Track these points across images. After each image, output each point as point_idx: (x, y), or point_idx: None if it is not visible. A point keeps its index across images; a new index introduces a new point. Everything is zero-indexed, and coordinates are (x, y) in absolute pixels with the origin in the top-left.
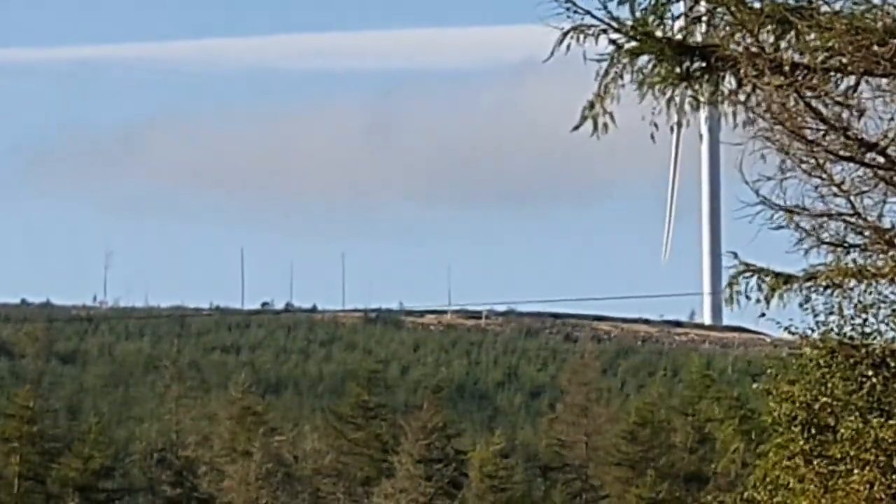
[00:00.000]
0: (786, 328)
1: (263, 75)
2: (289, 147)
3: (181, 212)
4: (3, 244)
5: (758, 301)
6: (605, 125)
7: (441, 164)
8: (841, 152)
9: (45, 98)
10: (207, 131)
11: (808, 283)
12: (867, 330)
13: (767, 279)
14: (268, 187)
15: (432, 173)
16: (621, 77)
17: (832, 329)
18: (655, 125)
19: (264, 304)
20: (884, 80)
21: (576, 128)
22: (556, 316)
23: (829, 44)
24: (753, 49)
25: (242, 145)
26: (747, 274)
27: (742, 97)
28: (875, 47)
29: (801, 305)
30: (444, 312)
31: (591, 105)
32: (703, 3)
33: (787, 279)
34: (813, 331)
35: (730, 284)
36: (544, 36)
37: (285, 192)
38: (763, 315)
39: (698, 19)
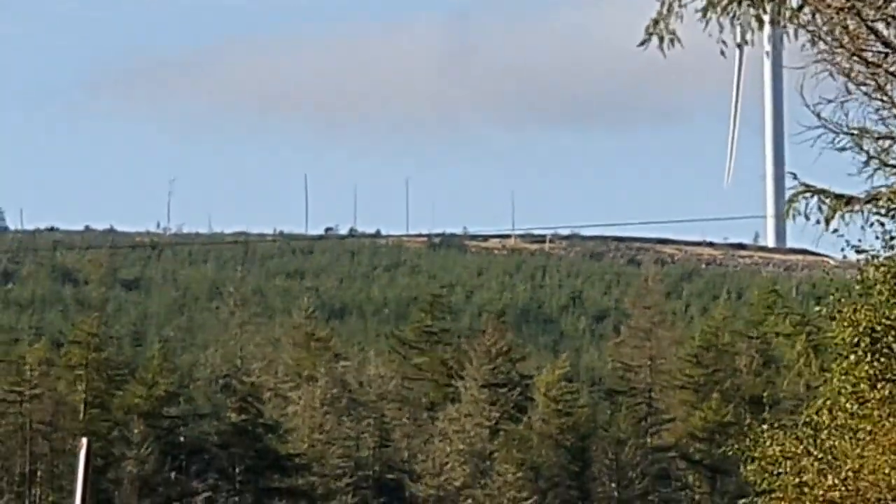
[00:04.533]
0: (853, 247)
1: (335, 2)
2: (360, 70)
3: (245, 136)
4: (67, 171)
5: (818, 222)
6: (672, 41)
7: (511, 87)
8: None
9: (116, 22)
10: (277, 55)
11: (870, 205)
12: None
13: (828, 200)
14: (334, 111)
15: (502, 96)
16: None
17: None
18: (724, 42)
19: (328, 229)
20: None
21: (641, 44)
22: (619, 239)
23: None
24: None
25: (312, 69)
26: (807, 195)
27: (804, 19)
28: None
29: (865, 227)
30: (508, 237)
31: (655, 22)
32: None
33: (849, 200)
34: (882, 250)
35: (789, 203)
36: None
37: (351, 116)
38: (835, 230)
39: None
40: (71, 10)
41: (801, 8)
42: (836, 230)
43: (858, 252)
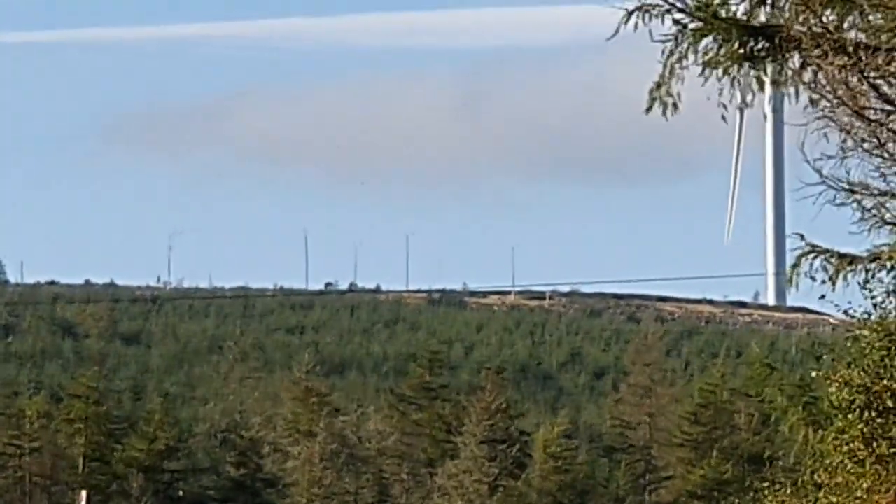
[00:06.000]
0: (845, 311)
1: (349, 54)
2: (364, 125)
3: (246, 190)
4: (67, 224)
5: (823, 282)
6: (675, 105)
7: (515, 143)
8: None
9: (126, 75)
10: (282, 109)
11: (873, 264)
12: None
13: (832, 260)
14: (335, 165)
15: (506, 151)
16: (686, 58)
17: (891, 312)
18: (724, 106)
19: (328, 284)
20: None
21: (647, 110)
22: (619, 296)
23: (894, 23)
24: (817, 30)
25: (316, 123)
26: (812, 255)
27: (806, 78)
28: None
29: (861, 287)
30: (508, 293)
31: (658, 86)
32: None
33: (852, 260)
34: (870, 315)
35: (794, 266)
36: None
37: (353, 170)
38: (822, 297)
39: (763, 1)
40: (85, 64)
41: (802, 68)
42: (822, 296)
43: (850, 317)
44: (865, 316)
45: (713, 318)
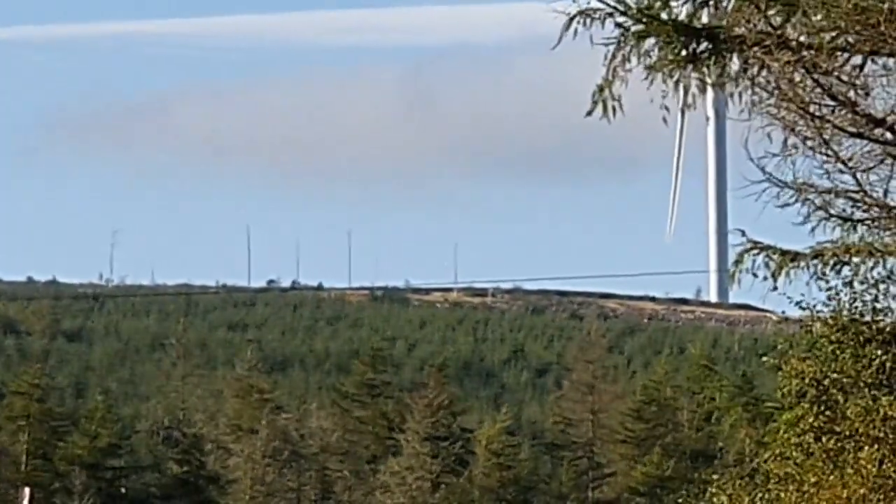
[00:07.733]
0: (797, 303)
1: (293, 51)
2: (307, 122)
3: (189, 187)
4: (9, 221)
5: (765, 278)
6: (615, 108)
7: (459, 139)
8: (848, 128)
9: (68, 72)
10: (226, 108)
11: (815, 261)
12: (878, 306)
13: (774, 256)
14: (278, 163)
15: (448, 148)
16: (629, 60)
17: (843, 306)
18: (666, 108)
19: (270, 281)
20: (890, 60)
21: (588, 113)
22: (562, 293)
23: (836, 23)
24: (761, 27)
25: (258, 120)
26: (754, 252)
27: (749, 76)
28: (882, 27)
29: (809, 282)
30: (451, 290)
31: (601, 89)
32: None
33: (795, 256)
34: (826, 305)
35: (736, 262)
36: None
37: (296, 167)
38: (775, 289)
39: (705, 3)
40: (26, 62)
41: (746, 66)
42: (775, 288)
43: (802, 308)
44: (818, 309)
45: (656, 315)
